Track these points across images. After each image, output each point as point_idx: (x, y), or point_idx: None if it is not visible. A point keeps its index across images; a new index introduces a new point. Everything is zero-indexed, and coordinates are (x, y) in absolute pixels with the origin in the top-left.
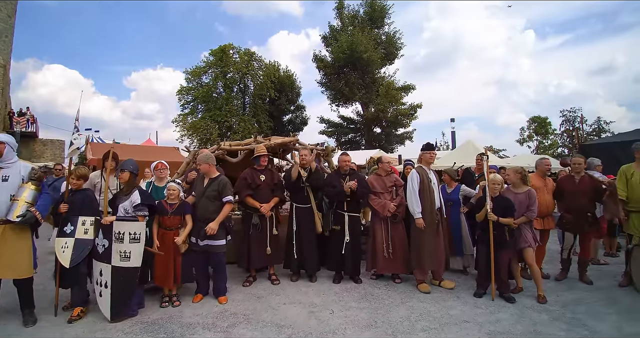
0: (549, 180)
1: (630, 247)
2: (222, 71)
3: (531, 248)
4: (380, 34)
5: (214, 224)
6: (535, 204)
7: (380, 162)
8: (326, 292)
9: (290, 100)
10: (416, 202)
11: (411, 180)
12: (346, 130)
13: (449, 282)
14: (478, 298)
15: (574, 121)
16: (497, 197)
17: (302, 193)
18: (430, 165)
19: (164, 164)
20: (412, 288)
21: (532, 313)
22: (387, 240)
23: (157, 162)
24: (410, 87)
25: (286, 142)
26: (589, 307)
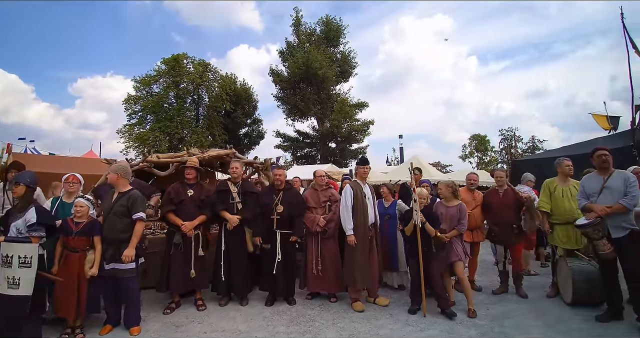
0: (477, 194)
1: (555, 258)
2: (175, 81)
3: (462, 262)
4: (335, 52)
5: (129, 251)
6: (466, 218)
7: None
8: (255, 317)
9: (247, 113)
10: (348, 217)
11: (344, 195)
12: (302, 144)
13: (383, 299)
14: (411, 315)
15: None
16: (422, 209)
17: (231, 211)
18: (365, 180)
19: (76, 177)
20: (347, 307)
21: (461, 329)
22: (317, 257)
23: (69, 175)
24: (363, 105)
25: (222, 154)
26: (517, 320)
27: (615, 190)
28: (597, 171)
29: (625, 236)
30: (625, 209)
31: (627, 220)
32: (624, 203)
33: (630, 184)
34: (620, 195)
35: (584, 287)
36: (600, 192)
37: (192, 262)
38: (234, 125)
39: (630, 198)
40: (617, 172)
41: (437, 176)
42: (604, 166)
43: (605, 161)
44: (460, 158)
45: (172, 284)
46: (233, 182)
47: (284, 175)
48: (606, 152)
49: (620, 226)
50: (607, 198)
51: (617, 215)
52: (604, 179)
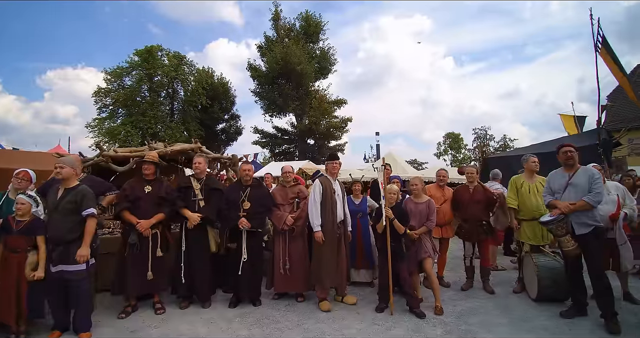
0: (447, 190)
1: (522, 254)
2: (148, 74)
3: (430, 258)
4: (314, 49)
5: (83, 250)
6: (434, 214)
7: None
8: (216, 320)
9: (224, 108)
10: (316, 213)
11: (313, 190)
12: (280, 141)
13: (351, 297)
14: (379, 314)
15: (484, 138)
16: (393, 206)
17: (192, 208)
18: (335, 175)
19: (27, 173)
20: (314, 307)
21: (426, 328)
22: (285, 256)
23: (20, 170)
24: (342, 102)
25: (186, 149)
26: (483, 318)
27: (579, 187)
28: (563, 168)
29: (589, 233)
30: (589, 206)
31: (591, 217)
32: (587, 199)
33: (595, 181)
34: (585, 192)
35: (548, 283)
36: (565, 188)
37: (149, 263)
38: (210, 121)
39: (594, 195)
40: (582, 168)
41: (411, 173)
42: (569, 163)
43: (571, 157)
44: (435, 155)
45: (127, 287)
46: (196, 178)
47: (252, 170)
48: (571, 149)
49: (584, 223)
50: (572, 195)
51: (581, 212)
52: (569, 176)
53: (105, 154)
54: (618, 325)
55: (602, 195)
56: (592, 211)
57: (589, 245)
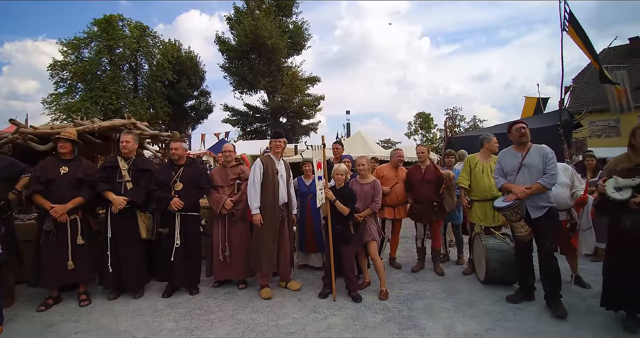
0: (401, 170)
1: (472, 235)
2: (108, 45)
3: (375, 242)
4: (287, 23)
5: None
6: (380, 195)
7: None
8: (144, 312)
9: (193, 84)
10: (254, 195)
11: (252, 170)
12: (251, 119)
13: (295, 283)
14: (322, 300)
15: (454, 118)
16: (341, 188)
17: (118, 191)
18: (279, 155)
19: None
20: (255, 294)
21: (367, 315)
22: (224, 241)
23: None
24: (315, 79)
25: (117, 125)
26: (428, 301)
27: (533, 168)
28: (514, 146)
29: (544, 214)
30: (544, 189)
31: (545, 199)
32: (542, 183)
33: (549, 161)
34: (539, 173)
35: (497, 265)
36: (518, 170)
37: (69, 251)
38: (178, 97)
39: (549, 177)
40: (535, 147)
41: (378, 152)
42: (522, 140)
43: (524, 134)
44: (406, 135)
45: (43, 277)
46: (124, 157)
47: (182, 148)
48: (524, 125)
49: (539, 206)
50: (526, 176)
51: (535, 195)
52: (521, 156)
53: (23, 131)
54: (563, 308)
55: (557, 177)
56: (546, 193)
57: (542, 227)
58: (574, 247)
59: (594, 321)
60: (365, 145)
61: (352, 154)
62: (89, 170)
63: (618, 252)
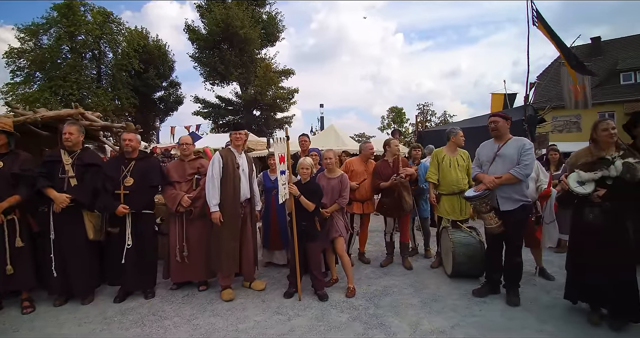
0: (371, 164)
1: (440, 229)
2: (69, 32)
3: (342, 238)
4: (260, 13)
5: None
6: (347, 190)
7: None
8: (92, 319)
9: (162, 74)
10: (213, 191)
11: (211, 164)
12: (223, 111)
13: (259, 282)
14: (286, 300)
15: (426, 114)
16: (307, 182)
17: (60, 188)
18: (240, 148)
19: None
20: (216, 296)
21: (332, 314)
22: (182, 241)
23: None
24: (289, 72)
25: (63, 115)
26: (395, 298)
27: (508, 158)
28: (493, 138)
29: (516, 209)
30: (515, 179)
31: (519, 192)
32: (514, 172)
33: (525, 152)
34: (513, 164)
35: (463, 259)
36: (493, 160)
37: (7, 255)
38: (145, 88)
39: (522, 168)
40: (514, 139)
41: (352, 146)
42: (494, 133)
43: (494, 128)
44: (379, 129)
45: None
46: (68, 150)
47: (135, 140)
48: (495, 119)
49: (510, 198)
50: (499, 166)
51: (507, 186)
52: (498, 146)
53: None
54: (517, 298)
55: (531, 168)
56: (521, 186)
57: (514, 222)
58: (538, 240)
59: (558, 314)
60: (339, 139)
61: (325, 147)
62: (26, 165)
63: (581, 245)
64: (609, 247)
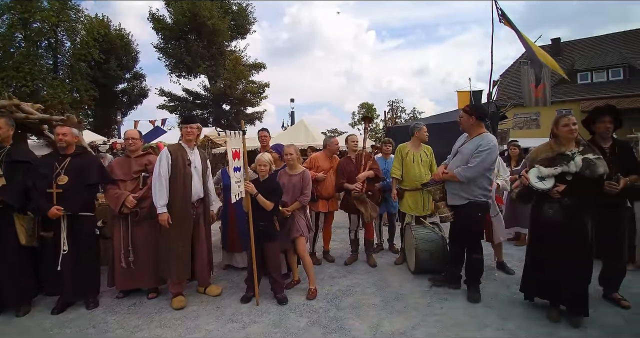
0: (335, 160)
1: (403, 225)
2: (23, 18)
3: (303, 237)
4: (230, 4)
5: None
6: (309, 187)
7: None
8: (27, 332)
9: (124, 65)
10: (160, 191)
11: (158, 161)
12: (191, 105)
13: (215, 287)
14: (243, 305)
15: (396, 110)
16: (265, 180)
17: None
18: (192, 143)
19: None
20: (166, 304)
21: (291, 319)
22: (127, 245)
23: None
24: (260, 65)
25: None
26: (358, 298)
27: (464, 156)
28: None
29: (463, 206)
30: (456, 179)
31: (466, 190)
32: (455, 172)
33: (477, 153)
34: (464, 163)
35: (426, 256)
36: (455, 153)
37: None
38: (107, 79)
39: (465, 169)
40: (480, 136)
41: (321, 141)
42: (462, 129)
43: (459, 122)
44: (350, 125)
45: None
46: None
47: (70, 134)
48: (460, 113)
49: (456, 194)
50: (456, 161)
51: (454, 183)
52: (463, 142)
53: None
54: (478, 294)
55: (473, 171)
56: (469, 185)
57: (462, 217)
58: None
59: (519, 310)
60: (309, 135)
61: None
62: None
63: (540, 241)
64: (568, 243)
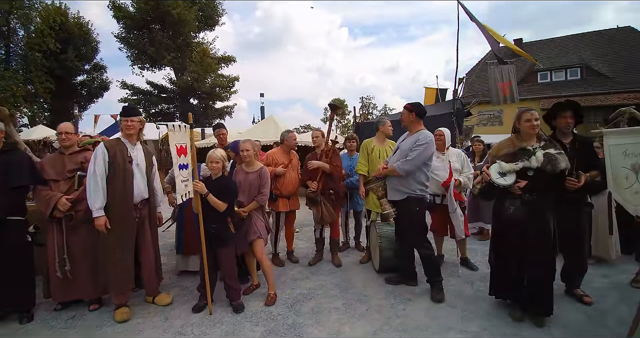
0: (294, 156)
1: (368, 223)
2: None
3: (262, 239)
4: None
5: None
6: (268, 185)
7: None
8: None
9: (83, 56)
10: (96, 191)
11: (93, 158)
12: (155, 99)
13: (165, 296)
14: (195, 315)
15: (368, 107)
16: (217, 178)
17: None
18: (133, 137)
19: None
20: (109, 316)
21: (245, 329)
22: (62, 253)
23: None
24: (230, 59)
25: None
26: (319, 301)
27: (404, 150)
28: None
29: (402, 200)
30: (396, 173)
31: (405, 185)
32: (395, 166)
33: (414, 147)
34: (404, 157)
35: (390, 254)
36: (396, 150)
37: None
38: (64, 71)
39: (403, 162)
40: (419, 132)
41: None
42: (402, 124)
43: (401, 119)
44: (322, 121)
45: None
46: None
47: None
48: (403, 110)
49: (396, 189)
50: (396, 158)
51: (394, 178)
52: (403, 138)
53: None
54: (440, 294)
55: (412, 164)
56: (407, 179)
57: (402, 212)
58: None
59: (482, 311)
60: (278, 130)
61: (264, 139)
62: None
63: (502, 237)
64: (530, 239)
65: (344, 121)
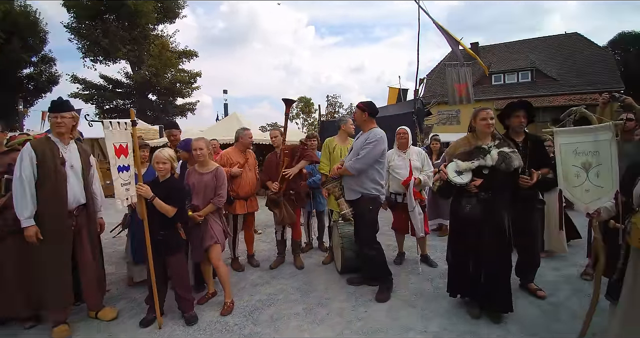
0: (250, 154)
1: (331, 224)
2: None
3: (218, 245)
4: None
5: None
6: (224, 186)
7: None
8: None
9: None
10: (23, 198)
11: (19, 161)
12: (110, 94)
13: (109, 310)
14: (142, 329)
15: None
16: (165, 180)
17: None
18: (64, 135)
19: None
20: (47, 334)
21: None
22: None
23: None
24: (191, 53)
25: None
26: (278, 308)
27: (355, 150)
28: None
29: (357, 200)
30: (348, 172)
31: (359, 184)
32: (346, 165)
33: (364, 146)
34: (356, 156)
35: (352, 255)
36: (349, 151)
37: None
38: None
39: (354, 161)
40: (370, 131)
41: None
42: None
43: (354, 118)
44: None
45: None
46: None
47: None
48: (355, 109)
49: (351, 188)
50: (350, 156)
51: (348, 177)
52: (356, 138)
53: None
54: (385, 294)
55: (363, 161)
56: (360, 177)
57: (357, 212)
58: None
59: (442, 308)
60: None
61: (226, 137)
62: None
63: (459, 235)
64: (486, 237)
65: (310, 119)
